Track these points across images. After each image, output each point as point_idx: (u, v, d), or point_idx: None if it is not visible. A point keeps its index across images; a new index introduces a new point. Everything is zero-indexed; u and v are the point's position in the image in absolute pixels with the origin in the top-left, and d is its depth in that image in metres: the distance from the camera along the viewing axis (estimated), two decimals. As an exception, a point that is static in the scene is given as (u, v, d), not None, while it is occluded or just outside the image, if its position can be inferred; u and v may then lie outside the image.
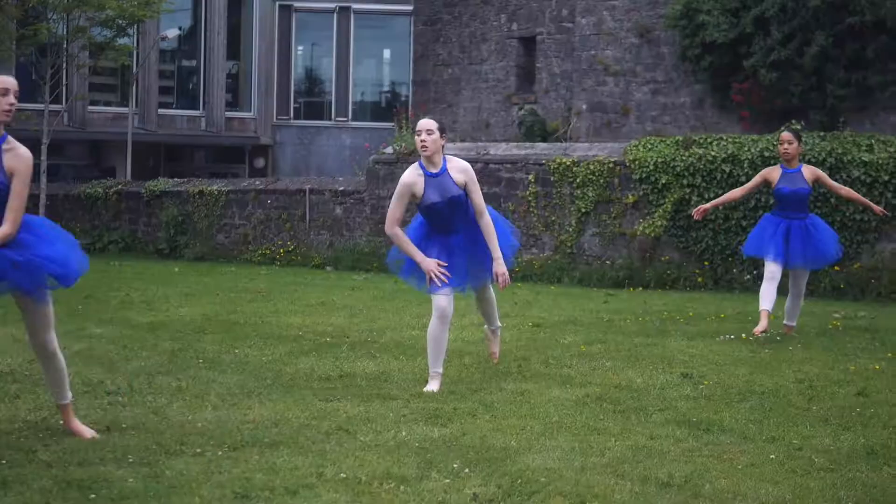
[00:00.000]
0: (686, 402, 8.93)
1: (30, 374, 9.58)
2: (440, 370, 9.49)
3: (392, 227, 9.41)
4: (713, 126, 25.67)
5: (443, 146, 9.41)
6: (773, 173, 13.00)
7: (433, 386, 9.36)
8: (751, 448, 7.41)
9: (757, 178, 13.24)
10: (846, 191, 13.61)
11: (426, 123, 9.38)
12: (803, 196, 12.90)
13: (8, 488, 6.13)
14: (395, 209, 9.42)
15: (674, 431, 7.84)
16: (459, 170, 9.45)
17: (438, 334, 9.49)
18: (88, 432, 7.42)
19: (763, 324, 12.43)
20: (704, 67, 25.37)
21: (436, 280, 9.30)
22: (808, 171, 12.97)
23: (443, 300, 9.44)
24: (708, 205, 13.52)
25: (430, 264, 9.31)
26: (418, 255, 9.35)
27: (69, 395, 7.60)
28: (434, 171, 9.37)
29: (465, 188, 9.41)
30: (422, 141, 9.30)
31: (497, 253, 9.47)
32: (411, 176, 9.39)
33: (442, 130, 9.40)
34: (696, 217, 13.48)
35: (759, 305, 12.67)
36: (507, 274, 9.47)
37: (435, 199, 9.34)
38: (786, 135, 12.96)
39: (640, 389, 9.49)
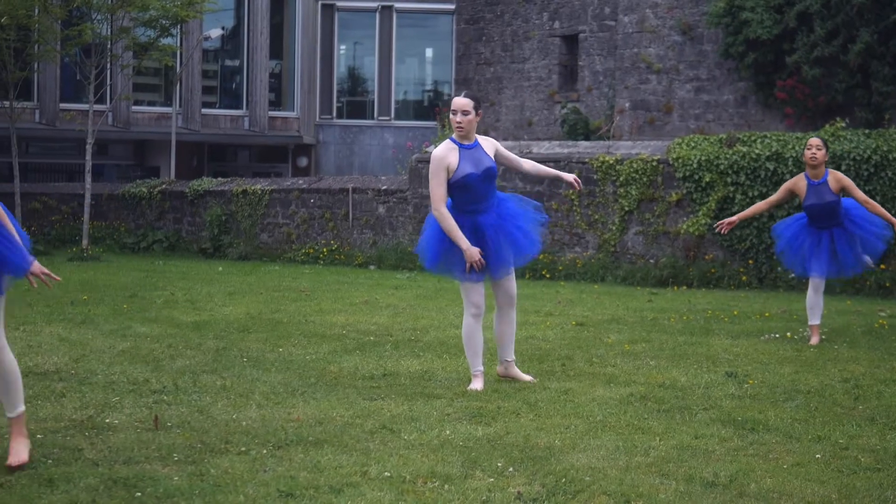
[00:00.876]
0: (731, 401, 8.90)
1: (75, 373, 9.64)
2: (482, 368, 9.46)
3: (440, 206, 9.18)
4: (757, 124, 25.55)
5: (477, 123, 9.35)
6: (799, 185, 12.51)
7: (477, 384, 9.34)
8: (796, 447, 7.37)
9: (781, 192, 12.81)
10: (872, 205, 12.76)
11: (461, 103, 9.22)
12: (833, 207, 12.42)
13: (55, 486, 6.17)
14: (436, 188, 9.20)
15: (719, 430, 7.80)
16: (489, 143, 9.42)
17: (473, 331, 9.43)
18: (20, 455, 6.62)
19: (815, 339, 12.38)
20: (748, 65, 25.25)
21: (476, 267, 9.24)
22: (834, 181, 12.38)
23: (477, 296, 9.39)
24: (734, 218, 13.06)
25: (474, 253, 9.19)
26: (464, 242, 9.18)
27: (20, 406, 6.83)
28: (468, 143, 9.28)
29: (496, 158, 9.40)
30: (457, 122, 9.19)
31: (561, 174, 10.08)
32: (444, 150, 9.22)
33: (476, 108, 9.28)
34: (722, 231, 13.08)
35: (809, 320, 12.57)
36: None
37: (469, 170, 9.15)
38: (815, 140, 12.46)
39: (684, 388, 9.45)
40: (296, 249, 25.74)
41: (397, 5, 38.66)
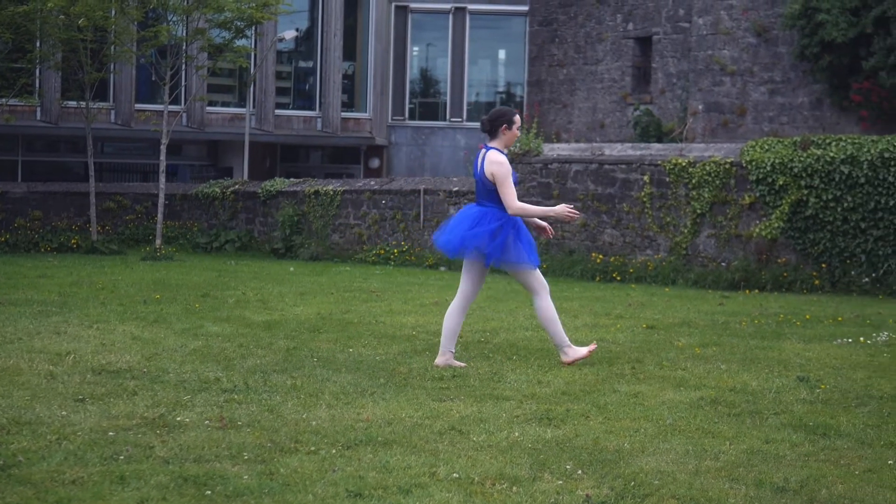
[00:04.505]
0: (802, 406, 8.83)
1: (147, 372, 9.72)
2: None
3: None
4: (832, 126, 25.35)
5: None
6: None
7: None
8: (868, 453, 7.31)
9: None
10: None
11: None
12: None
13: (126, 483, 6.23)
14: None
15: (790, 435, 7.75)
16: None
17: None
18: None
19: None
20: (823, 67, 25.06)
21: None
22: None
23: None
24: None
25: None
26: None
27: None
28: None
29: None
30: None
31: None
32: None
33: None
34: None
35: None
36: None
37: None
38: None
39: (755, 393, 9.39)
40: (367, 250, 25.82)
41: (471, 7, 38.67)
